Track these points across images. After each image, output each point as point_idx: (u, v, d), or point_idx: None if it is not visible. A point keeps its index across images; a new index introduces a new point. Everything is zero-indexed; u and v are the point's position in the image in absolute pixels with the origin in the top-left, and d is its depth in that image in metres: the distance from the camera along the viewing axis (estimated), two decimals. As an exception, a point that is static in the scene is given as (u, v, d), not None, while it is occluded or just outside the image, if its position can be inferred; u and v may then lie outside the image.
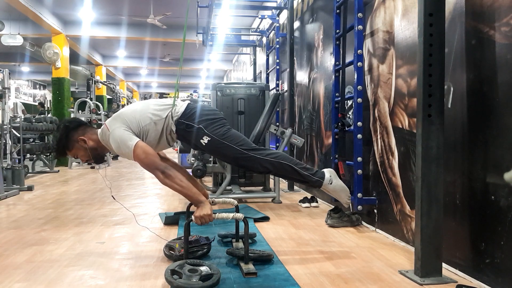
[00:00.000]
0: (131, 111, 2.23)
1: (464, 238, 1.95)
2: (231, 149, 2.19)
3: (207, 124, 2.20)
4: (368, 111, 3.00)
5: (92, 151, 2.23)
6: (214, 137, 2.19)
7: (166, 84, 21.68)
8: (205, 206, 2.04)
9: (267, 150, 2.27)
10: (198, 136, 2.21)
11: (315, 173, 2.28)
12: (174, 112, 2.22)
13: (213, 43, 7.45)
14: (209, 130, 2.19)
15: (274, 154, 2.24)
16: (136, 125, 2.16)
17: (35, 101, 19.53)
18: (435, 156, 1.90)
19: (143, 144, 2.10)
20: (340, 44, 3.39)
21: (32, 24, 8.97)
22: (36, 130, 6.84)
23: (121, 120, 2.16)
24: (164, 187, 5.07)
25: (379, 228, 2.85)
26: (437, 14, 1.90)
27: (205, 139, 2.19)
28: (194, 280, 1.76)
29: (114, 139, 2.11)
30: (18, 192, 4.73)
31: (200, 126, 2.19)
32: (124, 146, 2.07)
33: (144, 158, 2.06)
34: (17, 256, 2.33)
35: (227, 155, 2.24)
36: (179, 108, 2.25)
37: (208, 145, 2.20)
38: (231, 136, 2.21)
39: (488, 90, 1.80)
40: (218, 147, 2.20)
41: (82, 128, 2.24)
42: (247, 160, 2.21)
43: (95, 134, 2.24)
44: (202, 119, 2.21)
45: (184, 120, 2.21)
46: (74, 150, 2.23)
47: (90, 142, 2.21)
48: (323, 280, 1.93)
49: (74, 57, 11.70)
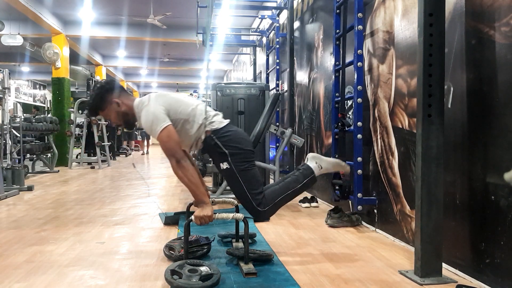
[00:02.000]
0: (176, 100, 2.23)
1: (464, 238, 1.95)
2: (241, 187, 2.20)
3: (233, 153, 2.20)
4: (368, 111, 3.00)
5: (124, 116, 2.24)
6: (233, 168, 2.20)
7: (166, 84, 21.66)
8: (207, 207, 2.04)
9: (269, 195, 2.23)
10: (220, 159, 2.23)
11: (305, 175, 2.28)
12: (208, 123, 2.23)
13: (213, 43, 7.45)
14: (233, 159, 2.20)
15: (273, 197, 2.22)
16: (173, 113, 2.16)
17: (35, 101, 19.53)
18: (435, 156, 1.90)
19: (172, 129, 2.09)
20: (340, 44, 3.39)
21: (32, 24, 8.96)
22: (36, 130, 6.84)
23: (163, 102, 2.16)
24: (164, 187, 5.06)
25: (379, 228, 2.85)
26: (437, 14, 1.90)
27: (225, 165, 2.21)
28: (194, 280, 1.76)
29: (148, 112, 2.11)
30: (18, 192, 4.73)
31: (226, 151, 2.20)
32: (156, 123, 2.07)
33: (167, 142, 2.05)
34: (17, 256, 2.33)
35: (235, 189, 2.26)
36: (217, 123, 2.25)
37: (224, 171, 2.23)
38: (248, 176, 2.21)
39: (488, 90, 1.80)
40: (232, 177, 2.22)
41: (118, 91, 2.24)
42: (247, 204, 2.22)
43: (130, 100, 2.24)
44: (231, 145, 2.21)
45: (216, 138, 2.22)
46: (107, 111, 2.23)
47: (123, 106, 2.21)
48: (323, 280, 1.93)
49: (74, 57, 11.70)
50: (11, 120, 5.83)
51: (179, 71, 16.96)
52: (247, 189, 2.19)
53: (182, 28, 9.79)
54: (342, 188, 3.06)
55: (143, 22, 8.88)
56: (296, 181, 2.25)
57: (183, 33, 9.99)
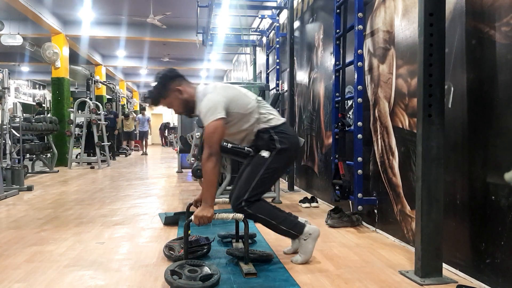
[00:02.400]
0: (239, 93, 2.24)
1: (464, 238, 1.95)
2: (252, 178, 2.17)
3: (282, 151, 2.18)
4: (368, 111, 3.00)
5: (185, 103, 2.25)
6: (267, 162, 2.18)
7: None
8: (209, 208, 2.04)
9: (259, 206, 2.19)
10: (266, 148, 2.20)
11: (292, 228, 2.19)
12: (265, 120, 2.23)
13: (213, 43, 7.44)
14: (276, 156, 2.18)
15: (259, 211, 2.17)
16: (234, 106, 2.17)
17: (35, 101, 19.52)
18: (436, 156, 1.90)
19: (222, 124, 2.09)
20: (340, 44, 3.38)
21: (32, 24, 8.96)
22: (36, 130, 6.83)
23: (228, 93, 2.18)
24: (164, 188, 5.05)
25: (379, 228, 2.84)
26: (437, 14, 1.90)
27: (266, 154, 2.19)
28: (194, 280, 1.76)
29: (210, 100, 2.12)
30: (17, 192, 4.72)
31: (278, 147, 2.18)
32: (212, 111, 2.08)
33: (212, 133, 2.06)
34: (17, 256, 2.33)
35: (247, 175, 2.22)
36: (275, 120, 2.26)
37: (259, 157, 2.21)
38: (268, 176, 2.19)
39: (489, 90, 1.80)
40: (257, 166, 2.20)
41: (179, 79, 2.26)
42: (239, 192, 2.19)
43: (191, 88, 2.26)
44: (285, 145, 2.19)
45: (273, 132, 2.21)
46: (169, 99, 2.25)
47: (185, 94, 2.23)
48: (323, 280, 1.93)
49: (74, 57, 11.69)
50: (11, 120, 5.82)
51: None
52: (254, 184, 2.16)
53: (182, 28, 9.78)
54: (342, 188, 3.06)
55: (143, 22, 8.88)
56: (284, 221, 2.19)
57: (183, 33, 9.99)
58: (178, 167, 7.36)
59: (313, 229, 2.19)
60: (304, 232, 2.17)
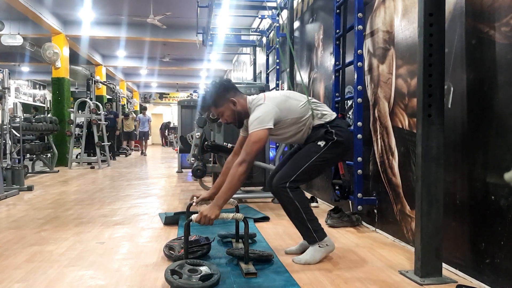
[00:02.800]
0: (286, 99, 2.26)
1: (464, 238, 1.95)
2: (301, 165, 2.18)
3: (337, 144, 2.20)
4: (368, 111, 3.00)
5: (238, 115, 2.28)
6: (321, 151, 2.19)
7: (166, 84, 21.68)
8: (217, 210, 2.03)
9: (299, 194, 2.21)
10: (321, 139, 2.21)
11: (315, 230, 2.20)
12: (319, 117, 2.25)
13: (213, 43, 7.44)
14: (330, 146, 2.19)
15: (299, 199, 2.18)
16: (286, 113, 2.21)
17: (35, 101, 19.53)
18: (435, 156, 1.90)
19: (267, 134, 2.13)
20: (340, 44, 3.39)
21: (32, 24, 8.96)
22: (36, 130, 6.84)
23: (278, 103, 2.21)
24: (164, 188, 5.05)
25: (379, 228, 2.85)
26: (437, 14, 1.90)
27: (322, 143, 2.20)
28: (194, 280, 1.76)
29: (261, 109, 2.16)
30: (18, 192, 4.73)
31: (334, 139, 2.19)
32: (260, 121, 2.11)
33: (254, 142, 2.08)
34: (17, 256, 2.33)
35: (296, 160, 2.23)
36: (329, 115, 2.28)
37: (312, 144, 2.22)
38: (318, 164, 2.20)
39: (488, 90, 1.80)
40: (309, 153, 2.20)
41: (234, 90, 2.30)
42: (285, 174, 2.18)
43: (244, 100, 2.29)
44: (340, 140, 2.21)
45: (330, 127, 2.22)
46: (222, 109, 2.27)
47: (238, 106, 2.26)
48: (323, 280, 1.93)
49: (74, 57, 11.70)
50: (11, 120, 5.83)
51: (179, 71, 16.97)
52: (304, 168, 2.16)
53: (182, 28, 9.79)
54: (342, 188, 3.06)
55: (143, 22, 8.88)
56: (312, 221, 2.19)
57: (183, 33, 9.99)
58: (178, 167, 7.37)
59: (331, 243, 2.23)
60: (324, 240, 2.20)
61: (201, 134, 4.08)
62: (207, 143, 3.78)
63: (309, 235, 2.21)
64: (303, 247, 2.32)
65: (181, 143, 5.93)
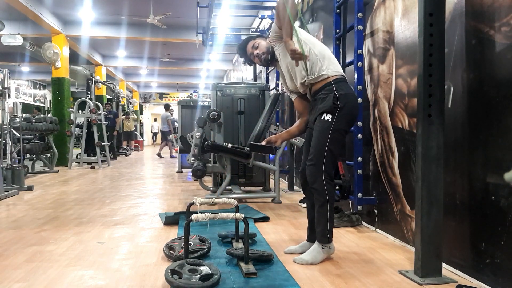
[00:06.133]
0: None
1: (464, 238, 1.95)
2: (324, 143, 2.14)
3: (343, 111, 2.16)
4: (368, 111, 3.00)
5: (268, 50, 2.46)
6: (331, 124, 2.14)
7: (166, 84, 21.66)
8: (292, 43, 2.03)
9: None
10: (327, 110, 2.16)
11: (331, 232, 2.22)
12: (331, 67, 2.25)
13: (213, 43, 7.44)
14: (338, 115, 2.15)
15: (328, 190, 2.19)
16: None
17: (35, 101, 19.52)
18: (435, 156, 1.90)
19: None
20: (340, 44, 3.38)
21: (32, 24, 8.96)
22: (36, 130, 6.84)
23: None
24: (164, 188, 5.06)
25: (379, 228, 2.85)
26: (437, 14, 1.90)
27: (328, 116, 2.16)
28: (194, 280, 1.76)
29: None
30: (18, 192, 4.73)
31: (340, 105, 2.15)
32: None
33: None
34: (17, 256, 2.33)
35: (317, 143, 2.17)
36: (340, 71, 2.28)
37: (322, 121, 2.17)
38: (337, 138, 2.17)
39: (488, 90, 1.80)
40: (323, 131, 2.15)
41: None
42: (318, 163, 2.15)
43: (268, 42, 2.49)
44: (347, 104, 2.17)
45: (335, 88, 2.19)
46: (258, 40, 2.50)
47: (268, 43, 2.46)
48: (323, 280, 1.93)
49: (74, 57, 11.69)
50: (11, 120, 5.82)
51: (179, 71, 16.96)
52: (329, 147, 2.14)
53: (182, 28, 9.78)
54: (342, 188, 3.06)
55: (143, 22, 8.88)
56: (331, 221, 2.19)
57: (183, 33, 9.99)
58: (178, 167, 7.37)
59: (333, 246, 2.26)
60: (331, 243, 2.22)
61: (201, 134, 4.08)
62: (207, 143, 3.79)
63: (323, 234, 2.19)
64: (303, 248, 2.33)
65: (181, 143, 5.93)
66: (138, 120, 13.76)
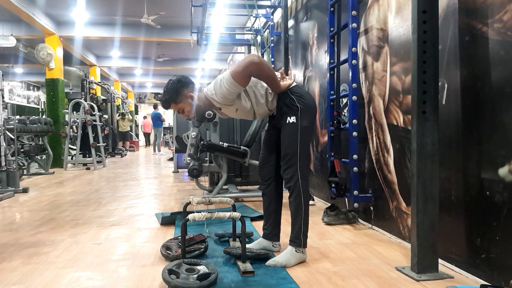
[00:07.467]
0: None
1: (459, 233, 1.97)
2: (295, 145, 2.16)
3: (303, 109, 2.19)
4: (363, 108, 3.01)
5: (197, 108, 2.28)
6: (298, 124, 2.17)
7: (161, 84, 21.57)
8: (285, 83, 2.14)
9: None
10: (290, 113, 2.19)
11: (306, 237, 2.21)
12: None
13: (207, 43, 7.43)
14: (301, 114, 2.17)
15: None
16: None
17: (29, 103, 19.40)
18: (430, 152, 1.91)
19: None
20: (335, 42, 3.39)
21: (25, 25, 8.89)
22: (31, 131, 6.79)
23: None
24: (160, 188, 5.04)
25: (375, 225, 2.86)
26: (430, 11, 1.91)
27: (292, 119, 2.18)
28: (191, 279, 1.76)
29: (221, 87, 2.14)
30: (13, 194, 4.70)
31: (299, 106, 2.18)
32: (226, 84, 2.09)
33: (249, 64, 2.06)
34: (13, 258, 2.32)
35: (289, 145, 2.19)
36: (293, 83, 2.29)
37: (289, 125, 2.18)
38: (305, 135, 2.19)
39: (482, 87, 1.82)
40: (292, 133, 2.18)
41: (192, 85, 2.29)
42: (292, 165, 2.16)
43: (202, 93, 2.28)
44: (303, 101, 2.19)
45: (290, 93, 2.21)
46: (181, 104, 2.27)
47: (197, 100, 2.26)
48: (320, 278, 1.94)
49: (68, 58, 11.62)
50: (5, 122, 5.79)
51: (174, 71, 16.86)
52: (300, 147, 2.16)
53: (176, 27, 9.76)
54: (338, 186, 3.07)
55: (137, 22, 8.85)
56: (307, 225, 2.19)
57: (177, 33, 9.96)
58: (174, 167, 7.36)
59: (305, 253, 2.21)
60: (304, 248, 2.18)
61: (197, 134, 4.07)
62: (203, 142, 3.79)
63: (296, 236, 2.17)
64: (260, 245, 2.33)
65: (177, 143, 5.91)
66: (134, 121, 13.71)
